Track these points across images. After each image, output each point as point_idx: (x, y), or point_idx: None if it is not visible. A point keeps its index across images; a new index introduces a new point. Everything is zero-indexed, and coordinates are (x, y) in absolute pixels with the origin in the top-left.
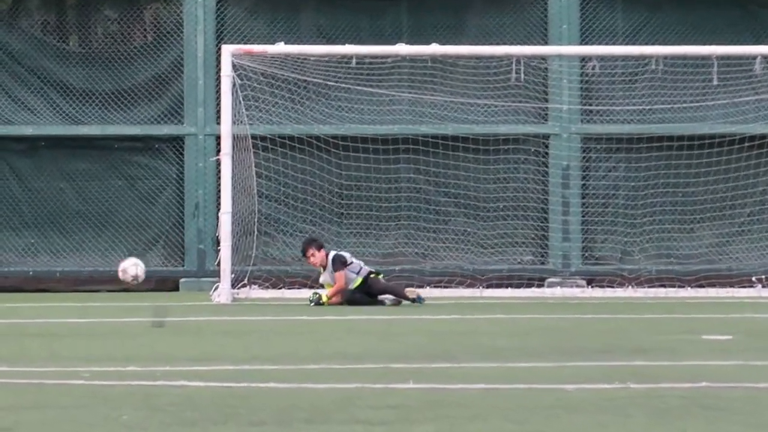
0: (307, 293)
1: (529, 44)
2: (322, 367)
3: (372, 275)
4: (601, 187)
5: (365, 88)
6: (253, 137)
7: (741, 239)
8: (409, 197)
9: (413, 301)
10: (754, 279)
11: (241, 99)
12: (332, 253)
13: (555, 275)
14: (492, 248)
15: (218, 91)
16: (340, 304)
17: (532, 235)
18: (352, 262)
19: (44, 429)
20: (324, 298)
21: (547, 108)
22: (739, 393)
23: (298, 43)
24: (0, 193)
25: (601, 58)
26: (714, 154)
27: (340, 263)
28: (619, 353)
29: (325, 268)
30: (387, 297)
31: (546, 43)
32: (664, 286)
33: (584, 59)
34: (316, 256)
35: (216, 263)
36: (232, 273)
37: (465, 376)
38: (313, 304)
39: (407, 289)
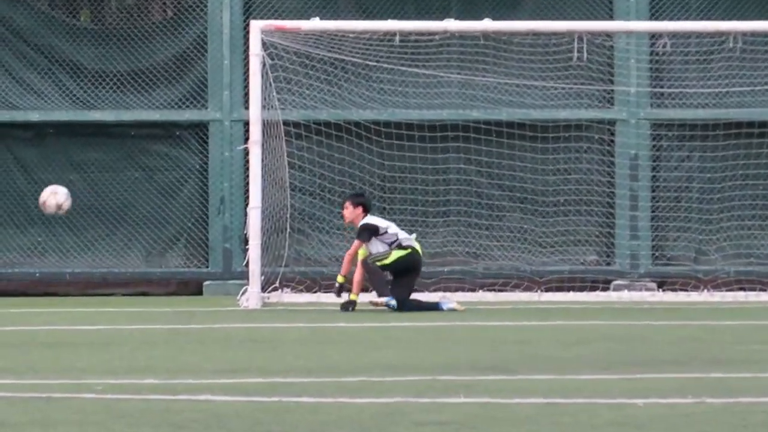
0: (346, 297)
1: (592, 20)
2: (362, 379)
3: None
4: (673, 179)
5: (410, 69)
6: (285, 123)
7: None
8: (458, 190)
9: (385, 305)
10: None
11: (271, 81)
12: (366, 219)
13: (622, 277)
14: (551, 247)
15: (246, 73)
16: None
17: (597, 233)
18: (385, 232)
19: None
20: (352, 297)
21: (612, 91)
22: None
23: (336, 19)
24: (3, 186)
25: (673, 35)
26: None
27: (365, 232)
28: (693, 364)
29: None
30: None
31: (611, 19)
32: (743, 289)
33: (654, 36)
34: (349, 211)
35: (244, 264)
36: (261, 275)
37: (521, 389)
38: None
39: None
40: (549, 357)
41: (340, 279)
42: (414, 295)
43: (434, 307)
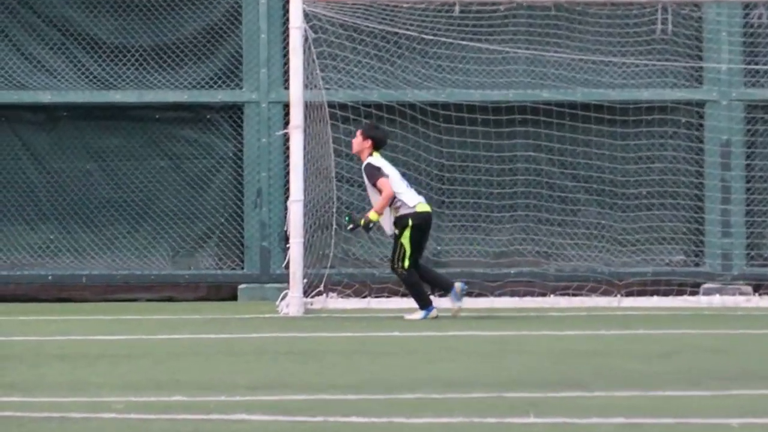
0: (399, 302)
1: None
2: (418, 396)
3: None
4: None
5: (471, 44)
6: (330, 105)
7: None
8: (527, 181)
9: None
10: None
11: (314, 57)
12: (371, 159)
13: (712, 280)
14: (632, 246)
15: (286, 48)
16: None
17: (684, 229)
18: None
19: None
20: (371, 216)
21: (701, 68)
22: None
23: None
24: (11, 176)
25: None
26: None
27: (375, 170)
28: None
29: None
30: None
31: None
32: None
33: (748, 6)
34: (357, 141)
35: (284, 265)
36: (304, 277)
37: (599, 407)
38: (349, 228)
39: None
40: (630, 371)
41: (373, 216)
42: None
43: (446, 286)
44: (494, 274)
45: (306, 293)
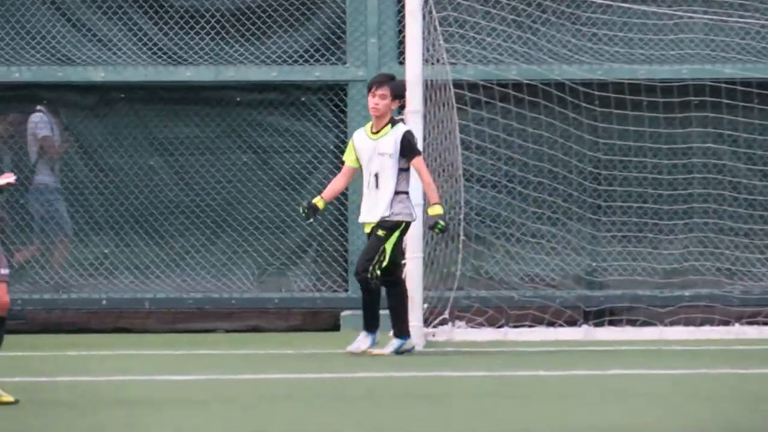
0: (544, 333)
1: None
2: None
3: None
4: None
5: (634, 7)
6: (457, 85)
7: None
8: (705, 180)
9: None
10: None
11: (436, 25)
12: (406, 126)
13: None
14: None
15: (401, 12)
16: None
17: None
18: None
19: None
20: (439, 211)
21: None
22: None
23: None
24: None
25: None
26: None
27: (416, 143)
28: None
29: (375, 129)
30: None
31: None
32: None
33: None
34: (386, 102)
35: None
36: (424, 302)
37: None
38: (438, 231)
39: None
40: None
41: (441, 210)
42: None
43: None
44: (664, 297)
45: (426, 322)
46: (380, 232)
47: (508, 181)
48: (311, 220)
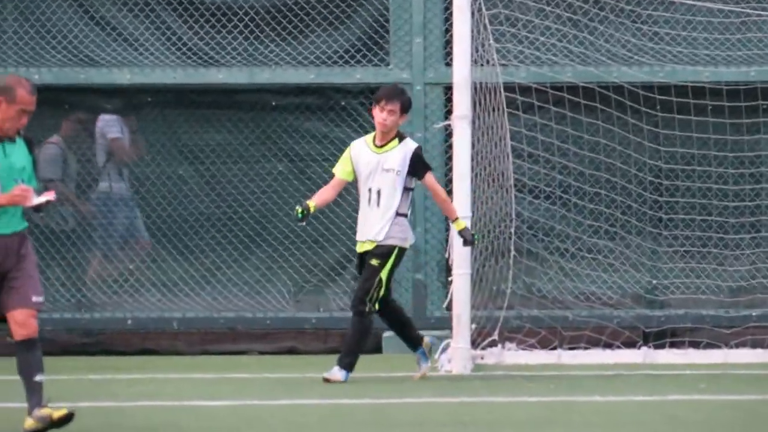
0: (600, 356)
1: None
2: None
3: None
4: None
5: (701, 3)
6: (508, 88)
7: None
8: None
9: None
10: None
11: (486, 23)
12: (415, 143)
13: None
14: None
15: (448, 9)
16: None
17: None
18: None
19: None
20: (464, 224)
21: None
22: None
23: None
24: (77, 184)
25: None
26: None
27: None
28: None
29: (380, 142)
30: None
31: None
32: None
33: None
34: (395, 117)
35: (445, 305)
36: (472, 322)
37: None
38: (473, 241)
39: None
40: None
41: (463, 224)
42: None
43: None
44: (730, 317)
45: (474, 343)
46: (374, 262)
47: (563, 192)
48: (304, 223)
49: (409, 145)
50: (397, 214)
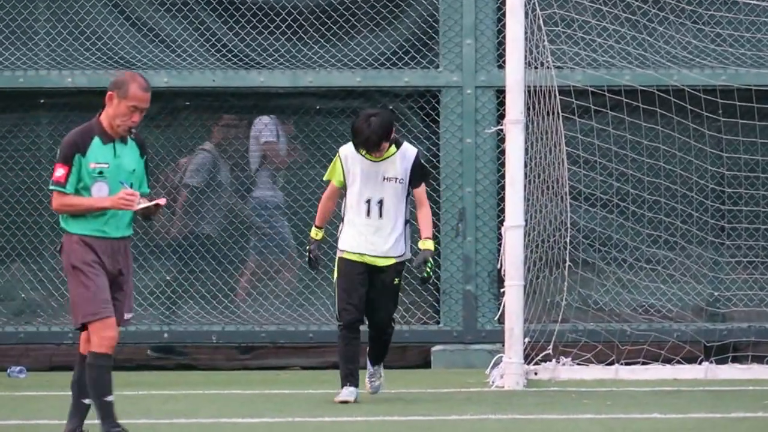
0: (661, 371)
1: None
2: None
3: None
4: None
5: (763, 3)
6: (563, 91)
7: None
8: None
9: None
10: None
11: (541, 23)
12: (414, 148)
13: None
14: None
15: (501, 9)
16: None
17: None
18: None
19: None
20: (431, 246)
21: None
22: None
23: None
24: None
25: None
26: None
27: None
28: None
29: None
30: None
31: None
32: None
33: None
34: (386, 147)
35: (497, 318)
36: (525, 336)
37: None
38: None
39: None
40: None
41: (431, 245)
42: None
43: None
44: None
45: (528, 358)
46: (396, 281)
47: (620, 200)
48: (319, 266)
49: (410, 152)
50: (405, 222)
